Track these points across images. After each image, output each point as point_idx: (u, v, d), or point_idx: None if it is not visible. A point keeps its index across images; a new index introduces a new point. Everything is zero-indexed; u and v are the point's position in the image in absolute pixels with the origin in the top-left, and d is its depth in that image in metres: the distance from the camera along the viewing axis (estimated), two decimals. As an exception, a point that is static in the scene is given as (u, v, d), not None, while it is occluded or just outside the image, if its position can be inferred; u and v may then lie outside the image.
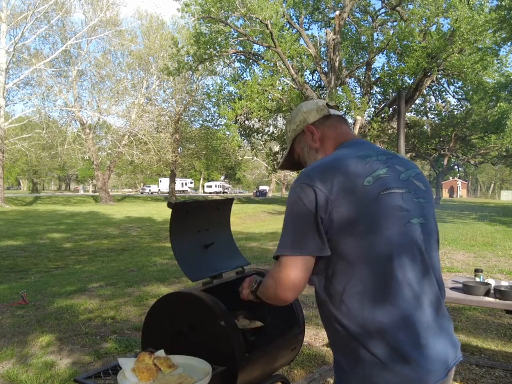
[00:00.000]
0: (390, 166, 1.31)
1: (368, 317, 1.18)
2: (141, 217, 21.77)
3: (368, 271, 1.19)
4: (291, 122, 1.54)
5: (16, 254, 10.76)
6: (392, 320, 1.17)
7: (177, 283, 6.64)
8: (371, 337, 1.18)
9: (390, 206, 1.23)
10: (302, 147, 1.51)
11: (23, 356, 3.78)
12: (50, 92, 32.13)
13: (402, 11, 21.68)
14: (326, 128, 1.46)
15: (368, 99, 23.71)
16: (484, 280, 3.39)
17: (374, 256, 1.19)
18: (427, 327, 1.20)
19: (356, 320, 1.19)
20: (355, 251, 1.19)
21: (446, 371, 1.21)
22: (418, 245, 1.26)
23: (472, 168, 62.22)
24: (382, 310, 1.18)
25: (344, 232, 1.19)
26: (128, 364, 1.50)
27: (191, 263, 1.88)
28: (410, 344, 1.17)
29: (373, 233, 1.20)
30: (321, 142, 1.45)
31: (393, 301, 1.18)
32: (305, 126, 1.48)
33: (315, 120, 1.47)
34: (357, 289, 1.19)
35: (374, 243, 1.19)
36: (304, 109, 1.50)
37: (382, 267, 1.19)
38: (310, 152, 1.48)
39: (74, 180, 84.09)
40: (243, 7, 18.50)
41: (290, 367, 3.45)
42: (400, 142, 4.58)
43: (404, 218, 1.24)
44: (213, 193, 62.11)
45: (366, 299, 1.18)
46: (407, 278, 1.20)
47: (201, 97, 38.30)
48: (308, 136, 1.48)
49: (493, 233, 13.54)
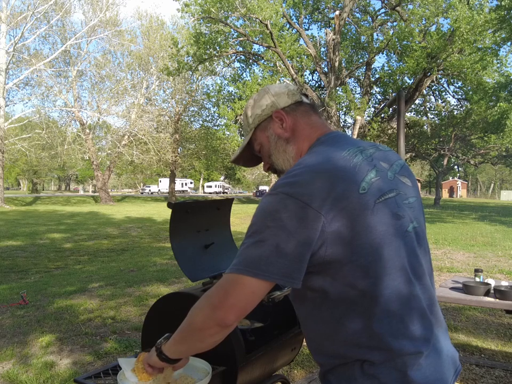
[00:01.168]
0: (376, 165, 1.14)
1: (366, 339, 1.06)
2: (141, 217, 21.77)
3: (371, 290, 1.05)
4: (254, 106, 1.29)
5: (16, 254, 10.75)
6: (392, 344, 1.05)
7: (177, 283, 6.64)
8: (370, 360, 1.06)
9: (387, 215, 1.09)
10: (267, 136, 1.28)
11: (23, 356, 3.78)
12: (50, 92, 32.18)
13: (402, 11, 21.69)
14: (299, 116, 1.26)
15: (368, 99, 23.71)
16: (484, 280, 3.39)
17: (376, 273, 1.05)
18: (428, 344, 1.10)
19: (353, 341, 1.07)
20: (354, 268, 1.04)
21: (454, 375, 1.16)
22: (417, 253, 1.15)
23: (472, 168, 62.25)
24: (381, 335, 1.05)
25: (345, 252, 1.03)
26: (128, 364, 1.49)
27: (191, 263, 1.89)
28: (411, 366, 1.05)
29: (376, 250, 1.05)
30: (293, 131, 1.24)
31: (403, 322, 1.07)
32: (273, 112, 1.26)
33: (286, 105, 1.26)
34: (366, 310, 1.06)
35: (375, 259, 1.05)
36: (272, 91, 1.28)
37: (384, 284, 1.06)
38: (278, 142, 1.26)
39: (74, 180, 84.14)
40: (243, 7, 18.50)
41: (290, 367, 3.45)
42: (400, 142, 4.58)
43: (401, 227, 1.11)
44: (213, 193, 62.15)
45: (362, 322, 1.06)
46: (408, 295, 1.09)
47: (201, 97, 38.32)
48: (275, 124, 1.26)
49: (493, 233, 13.54)
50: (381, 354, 1.06)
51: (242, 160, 1.39)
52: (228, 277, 1.04)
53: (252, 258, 1.01)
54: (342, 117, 25.94)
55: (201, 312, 1.07)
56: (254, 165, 1.42)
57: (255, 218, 1.05)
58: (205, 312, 1.06)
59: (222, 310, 1.03)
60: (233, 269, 1.03)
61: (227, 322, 1.04)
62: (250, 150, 1.34)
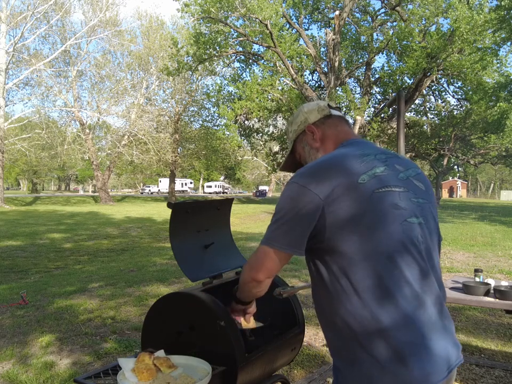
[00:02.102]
0: (388, 164, 1.31)
1: (368, 316, 1.17)
2: (141, 217, 21.77)
3: (368, 270, 1.18)
4: (293, 123, 1.55)
5: (16, 254, 10.75)
6: (392, 321, 1.16)
7: (177, 283, 6.64)
8: (370, 337, 1.17)
9: (385, 204, 1.23)
10: (303, 147, 1.52)
11: (23, 356, 3.78)
12: (50, 92, 32.16)
13: (402, 11, 21.68)
14: (327, 128, 1.47)
15: (367, 99, 23.71)
16: (484, 280, 3.39)
17: (373, 254, 1.19)
18: (428, 327, 1.19)
19: (356, 319, 1.18)
20: (354, 249, 1.19)
21: (447, 371, 1.19)
22: (417, 244, 1.24)
23: (472, 168, 62.21)
24: (382, 310, 1.17)
25: (342, 231, 1.19)
26: (128, 364, 1.50)
27: (191, 263, 1.89)
28: (410, 345, 1.15)
29: (369, 232, 1.20)
30: (322, 141, 1.47)
31: (393, 300, 1.17)
32: (306, 126, 1.49)
33: (316, 120, 1.49)
34: (358, 288, 1.18)
35: (371, 241, 1.19)
36: (305, 109, 1.52)
37: (381, 265, 1.19)
38: (311, 152, 1.49)
39: (74, 180, 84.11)
40: (243, 7, 18.49)
41: (290, 367, 3.45)
42: (400, 142, 4.57)
43: (399, 217, 1.24)
44: (213, 193, 62.13)
45: (366, 298, 1.18)
46: (406, 277, 1.20)
47: (200, 97, 38.32)
48: (308, 136, 1.49)
49: (493, 233, 13.54)
50: (377, 346, 1.17)
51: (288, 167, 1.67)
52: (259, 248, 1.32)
53: (271, 234, 1.28)
54: (342, 117, 25.85)
55: (244, 272, 1.40)
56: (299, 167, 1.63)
57: (278, 202, 1.30)
58: (246, 272, 1.38)
59: (254, 270, 1.33)
60: (262, 242, 1.31)
61: (259, 279, 1.33)
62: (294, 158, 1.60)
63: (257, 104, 21.72)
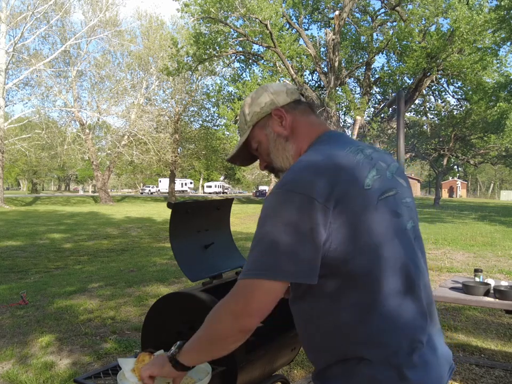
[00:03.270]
0: (376, 164, 1.15)
1: (366, 337, 1.06)
2: (141, 217, 21.76)
3: (368, 292, 1.06)
4: (252, 104, 1.29)
5: (16, 255, 10.75)
6: (392, 342, 1.06)
7: (177, 283, 6.64)
8: (370, 359, 1.05)
9: (388, 212, 1.10)
10: (266, 134, 1.27)
11: (22, 356, 3.78)
12: (49, 92, 32.18)
13: (402, 11, 21.70)
14: (299, 115, 1.26)
15: (367, 99, 23.73)
16: (484, 280, 3.39)
17: (378, 269, 1.06)
18: (424, 343, 1.10)
19: (353, 339, 1.07)
20: (358, 269, 1.05)
21: (449, 371, 1.16)
22: (415, 254, 1.15)
23: (472, 168, 62.21)
24: (382, 332, 1.06)
25: (346, 249, 1.03)
26: (128, 364, 1.49)
27: (190, 263, 1.89)
28: (412, 365, 1.06)
29: (375, 244, 1.06)
30: (292, 129, 1.24)
31: (392, 321, 1.06)
32: (272, 109, 1.26)
33: (285, 103, 1.26)
34: (355, 310, 1.06)
35: (377, 255, 1.06)
36: (271, 89, 1.28)
37: (384, 280, 1.06)
38: (278, 140, 1.25)
39: (74, 180, 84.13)
40: (242, 7, 18.50)
41: (290, 367, 3.45)
42: (400, 142, 4.58)
43: (401, 225, 1.13)
44: (213, 193, 62.14)
45: (363, 321, 1.06)
46: (407, 295, 1.09)
47: (200, 97, 38.33)
48: (274, 121, 1.25)
49: (493, 233, 13.54)
50: (377, 352, 1.05)
51: (239, 159, 1.38)
52: (244, 283, 1.04)
53: (263, 261, 1.01)
54: (341, 117, 25.97)
55: (222, 323, 1.07)
56: (249, 163, 1.42)
57: (263, 218, 1.05)
58: (227, 322, 1.06)
59: (245, 317, 1.03)
60: (247, 274, 1.03)
61: (251, 328, 1.05)
62: (248, 148, 1.33)
63: (257, 104, 21.70)
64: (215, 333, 1.09)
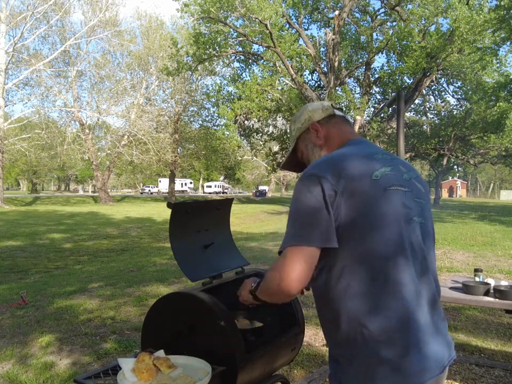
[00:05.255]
0: (394, 165, 1.34)
1: (367, 316, 1.19)
2: (141, 217, 21.76)
3: (371, 269, 1.20)
4: (296, 121, 1.57)
5: (16, 255, 10.75)
6: (391, 321, 1.19)
7: (177, 283, 6.64)
8: (370, 335, 1.19)
9: (395, 201, 1.26)
10: (306, 145, 1.54)
11: (22, 356, 3.78)
12: (49, 92, 32.12)
13: (402, 11, 21.68)
14: (331, 127, 1.50)
15: (367, 99, 23.70)
16: (484, 280, 3.39)
17: (378, 253, 1.21)
18: (424, 328, 1.23)
19: (356, 318, 1.20)
20: (361, 246, 1.21)
21: (441, 369, 1.24)
22: (419, 244, 1.28)
23: (472, 168, 62.24)
24: (382, 310, 1.19)
25: (351, 226, 1.20)
26: (128, 364, 1.49)
27: (190, 263, 1.89)
28: (408, 344, 1.19)
29: (379, 228, 1.22)
30: (326, 139, 1.49)
31: (393, 301, 1.20)
32: (310, 124, 1.51)
33: (320, 118, 1.51)
34: (359, 287, 1.20)
35: (379, 238, 1.21)
36: (310, 108, 1.55)
37: (383, 265, 1.21)
38: (314, 149, 1.51)
39: (73, 180, 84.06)
40: (242, 7, 18.49)
41: (290, 367, 3.45)
42: (400, 142, 4.58)
43: (407, 216, 1.27)
44: (213, 193, 62.10)
45: (366, 298, 1.20)
46: (408, 277, 1.22)
47: (200, 97, 38.30)
48: (312, 134, 1.51)
49: (493, 233, 13.55)
50: (379, 326, 1.18)
51: (289, 166, 1.67)
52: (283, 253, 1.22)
53: (294, 232, 1.22)
54: (341, 117, 25.84)
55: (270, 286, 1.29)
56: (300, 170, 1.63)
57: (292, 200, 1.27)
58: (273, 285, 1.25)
59: (285, 283, 1.20)
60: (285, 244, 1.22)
61: (291, 292, 1.22)
62: (295, 157, 1.60)
63: (257, 104, 21.72)
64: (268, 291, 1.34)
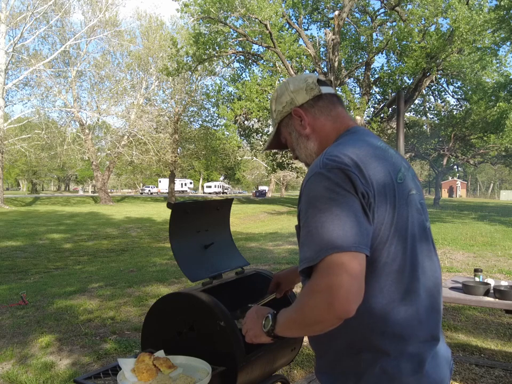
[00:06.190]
0: (403, 162, 1.22)
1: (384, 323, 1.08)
2: (141, 217, 21.76)
3: (395, 278, 1.08)
4: (276, 102, 1.32)
5: (16, 255, 10.75)
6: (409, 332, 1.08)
7: (177, 283, 6.63)
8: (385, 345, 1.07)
9: (414, 208, 1.14)
10: (289, 132, 1.31)
11: (22, 356, 3.78)
12: (49, 93, 32.14)
13: (402, 11, 21.69)
14: (318, 112, 1.25)
15: (367, 99, 23.72)
16: (483, 280, 3.39)
17: (401, 262, 1.09)
18: (439, 339, 1.15)
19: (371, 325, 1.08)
20: (385, 254, 1.07)
21: (450, 370, 1.20)
22: (433, 252, 1.22)
23: (472, 168, 62.26)
24: (398, 318, 1.08)
25: (376, 236, 1.05)
26: (128, 364, 1.49)
27: (190, 263, 1.89)
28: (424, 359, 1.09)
29: (400, 240, 1.09)
30: (312, 127, 1.25)
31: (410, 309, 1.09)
32: (292, 109, 1.27)
33: (304, 101, 1.26)
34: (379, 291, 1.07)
35: (403, 247, 1.09)
36: (291, 87, 1.28)
37: (406, 275, 1.09)
38: (300, 139, 1.28)
39: (73, 180, 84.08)
40: (242, 7, 18.50)
41: (290, 367, 3.45)
42: (400, 142, 4.59)
43: (422, 223, 1.17)
44: (213, 193, 62.10)
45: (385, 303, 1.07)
46: (422, 288, 1.13)
47: (200, 97, 38.29)
48: (296, 121, 1.27)
49: (493, 233, 13.54)
50: (396, 344, 1.07)
51: (273, 147, 1.43)
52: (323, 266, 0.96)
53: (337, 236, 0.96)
54: (341, 117, 25.87)
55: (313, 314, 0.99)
56: (284, 149, 1.44)
57: (311, 198, 1.04)
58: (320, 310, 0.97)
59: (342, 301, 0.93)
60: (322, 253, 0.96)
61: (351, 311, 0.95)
62: (278, 140, 1.38)
63: (257, 104, 21.73)
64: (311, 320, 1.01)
